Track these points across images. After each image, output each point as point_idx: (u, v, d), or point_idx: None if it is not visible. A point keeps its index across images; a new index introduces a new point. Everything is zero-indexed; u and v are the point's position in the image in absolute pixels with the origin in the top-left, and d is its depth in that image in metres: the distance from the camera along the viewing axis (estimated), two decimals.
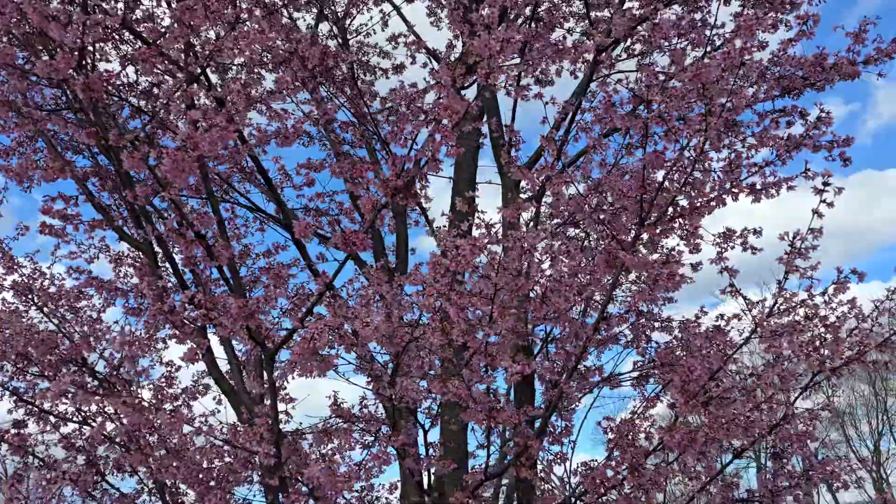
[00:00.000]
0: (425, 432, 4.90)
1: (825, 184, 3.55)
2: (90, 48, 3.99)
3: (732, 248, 5.82)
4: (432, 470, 4.90)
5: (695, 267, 6.28)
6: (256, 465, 3.84)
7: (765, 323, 3.72)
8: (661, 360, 5.07)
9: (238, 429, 3.97)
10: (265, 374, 3.80)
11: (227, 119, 3.71)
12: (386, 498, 5.85)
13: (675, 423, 3.62)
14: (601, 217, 3.77)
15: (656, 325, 6.48)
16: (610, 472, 3.94)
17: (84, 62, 3.86)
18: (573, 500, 4.03)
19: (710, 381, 3.51)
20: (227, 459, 4.15)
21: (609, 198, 4.14)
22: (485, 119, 6.12)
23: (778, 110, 6.18)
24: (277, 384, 4.96)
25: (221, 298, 3.73)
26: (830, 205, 3.61)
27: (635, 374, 5.89)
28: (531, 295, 3.72)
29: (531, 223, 5.37)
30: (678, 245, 6.05)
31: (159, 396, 5.20)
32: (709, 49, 4.97)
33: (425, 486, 5.31)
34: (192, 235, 3.70)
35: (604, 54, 4.82)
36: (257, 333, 3.71)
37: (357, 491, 5.68)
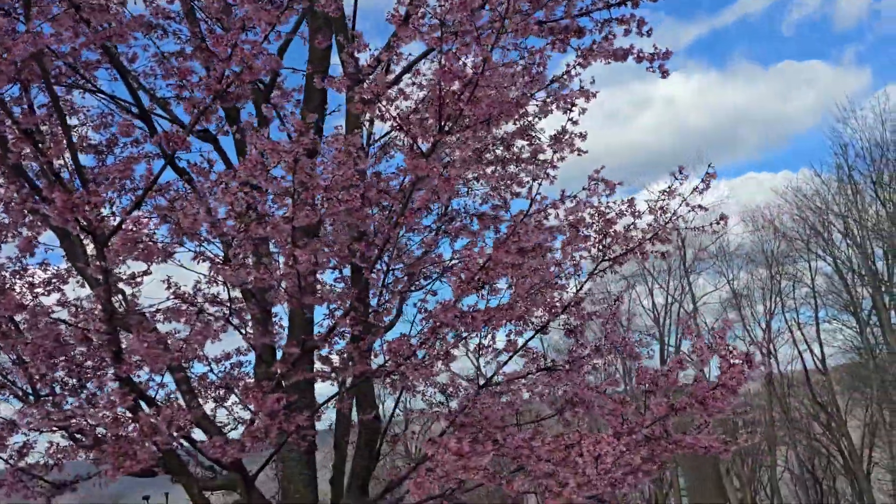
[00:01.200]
0: (267, 312, 5.46)
1: (572, 105, 4.06)
2: None
3: (562, 149, 6.41)
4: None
5: (540, 163, 6.87)
6: (94, 341, 4.30)
7: (523, 221, 4.30)
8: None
9: (79, 309, 4.42)
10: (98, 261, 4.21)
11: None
12: (254, 372, 6.48)
13: (454, 303, 4.23)
14: (402, 125, 4.21)
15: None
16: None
17: None
18: (383, 367, 4.67)
19: (481, 270, 4.09)
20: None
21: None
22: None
23: (616, 19, 6.62)
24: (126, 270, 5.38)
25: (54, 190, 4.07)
26: (575, 122, 4.14)
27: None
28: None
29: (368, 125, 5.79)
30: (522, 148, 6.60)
31: (23, 281, 5.57)
32: None
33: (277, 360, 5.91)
34: (20, 133, 3.99)
35: None
36: (87, 224, 4.09)
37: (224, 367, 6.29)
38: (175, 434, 3.94)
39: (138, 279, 5.46)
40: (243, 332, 5.20)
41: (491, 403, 5.01)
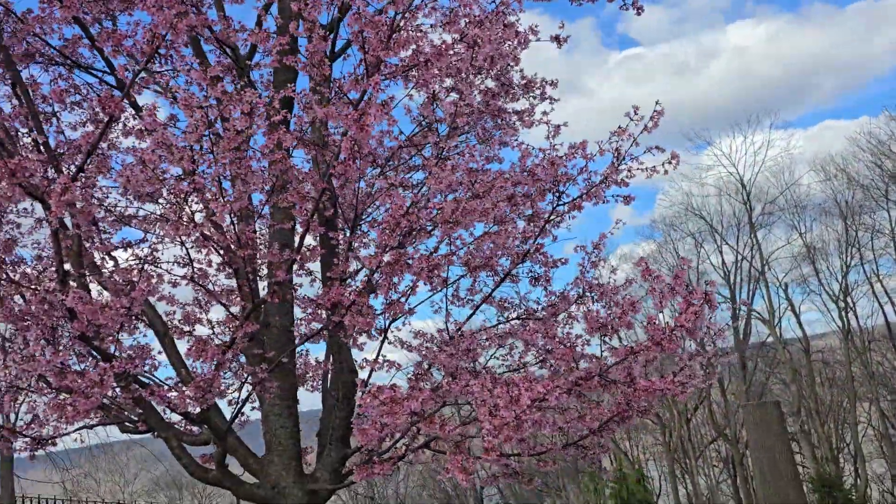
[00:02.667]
0: (236, 271, 5.58)
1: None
2: None
3: (535, 97, 6.31)
4: None
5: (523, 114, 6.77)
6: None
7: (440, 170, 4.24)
8: None
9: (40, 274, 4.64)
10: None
11: None
12: None
13: (383, 251, 4.24)
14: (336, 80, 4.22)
15: None
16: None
17: None
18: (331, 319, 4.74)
19: (404, 216, 4.08)
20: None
21: None
22: None
23: None
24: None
25: None
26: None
27: None
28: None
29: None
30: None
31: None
32: None
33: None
34: None
35: None
36: (34, 189, 4.27)
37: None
38: (118, 385, 4.11)
39: (113, 245, 5.70)
40: (207, 290, 5.34)
41: (453, 354, 5.01)
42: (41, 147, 5.05)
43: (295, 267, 5.28)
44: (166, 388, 4.57)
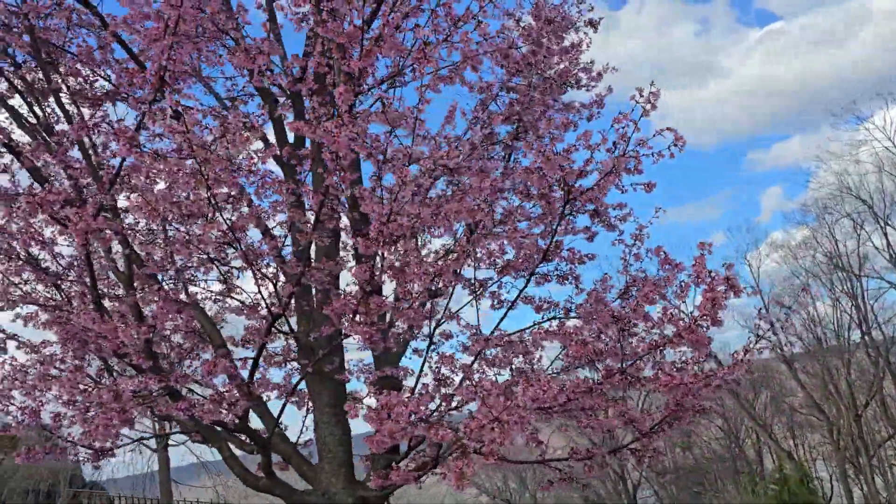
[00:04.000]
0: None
1: None
2: None
3: (572, 86, 6.12)
4: None
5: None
6: None
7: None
8: None
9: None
10: None
11: None
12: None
13: (369, 260, 4.24)
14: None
15: None
16: None
17: None
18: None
19: (386, 224, 4.06)
20: None
21: None
22: None
23: None
24: None
25: None
26: None
27: None
28: None
29: None
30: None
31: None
32: None
33: None
34: None
35: None
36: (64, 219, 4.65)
37: None
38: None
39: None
40: (244, 303, 5.58)
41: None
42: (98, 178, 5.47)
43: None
44: (188, 401, 4.80)
